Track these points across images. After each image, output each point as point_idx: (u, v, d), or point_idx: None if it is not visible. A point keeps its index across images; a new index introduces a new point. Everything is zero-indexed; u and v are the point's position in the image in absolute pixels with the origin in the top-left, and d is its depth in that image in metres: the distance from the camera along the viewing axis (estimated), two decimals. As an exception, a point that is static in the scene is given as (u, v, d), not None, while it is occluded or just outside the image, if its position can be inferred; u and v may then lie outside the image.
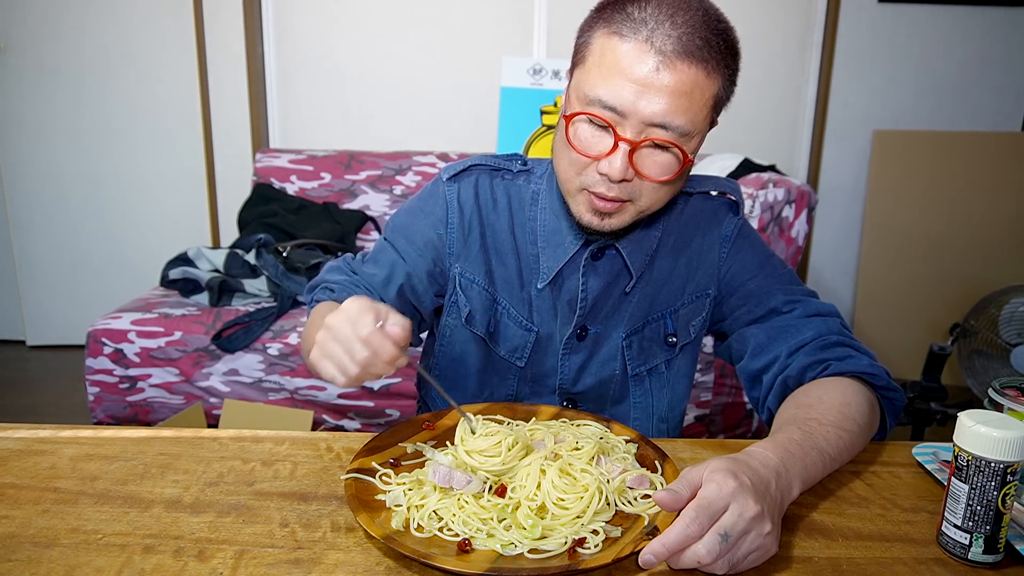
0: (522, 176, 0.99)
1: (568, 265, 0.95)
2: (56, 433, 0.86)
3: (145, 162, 3.10)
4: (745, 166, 2.40)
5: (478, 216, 0.98)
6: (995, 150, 2.98)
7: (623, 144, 0.79)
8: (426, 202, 0.99)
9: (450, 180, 0.98)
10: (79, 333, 2.97)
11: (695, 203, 1.00)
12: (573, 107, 0.83)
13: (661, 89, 0.76)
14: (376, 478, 0.73)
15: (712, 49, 0.77)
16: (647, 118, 0.77)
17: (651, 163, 0.81)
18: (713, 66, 0.78)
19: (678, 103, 0.77)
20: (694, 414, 2.19)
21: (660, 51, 0.76)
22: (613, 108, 0.78)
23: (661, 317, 1.00)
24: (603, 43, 0.79)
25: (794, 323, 0.93)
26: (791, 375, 0.89)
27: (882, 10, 2.94)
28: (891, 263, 3.07)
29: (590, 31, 0.82)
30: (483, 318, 0.99)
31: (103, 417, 2.18)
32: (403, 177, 2.85)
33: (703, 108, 0.79)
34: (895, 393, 0.88)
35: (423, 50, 2.97)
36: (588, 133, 0.82)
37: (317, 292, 1.00)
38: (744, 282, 0.98)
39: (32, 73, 3.00)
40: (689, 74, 0.76)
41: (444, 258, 0.98)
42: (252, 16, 2.92)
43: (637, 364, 1.01)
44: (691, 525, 0.60)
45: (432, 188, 1.00)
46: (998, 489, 0.62)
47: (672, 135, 0.79)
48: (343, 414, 2.18)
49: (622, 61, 0.77)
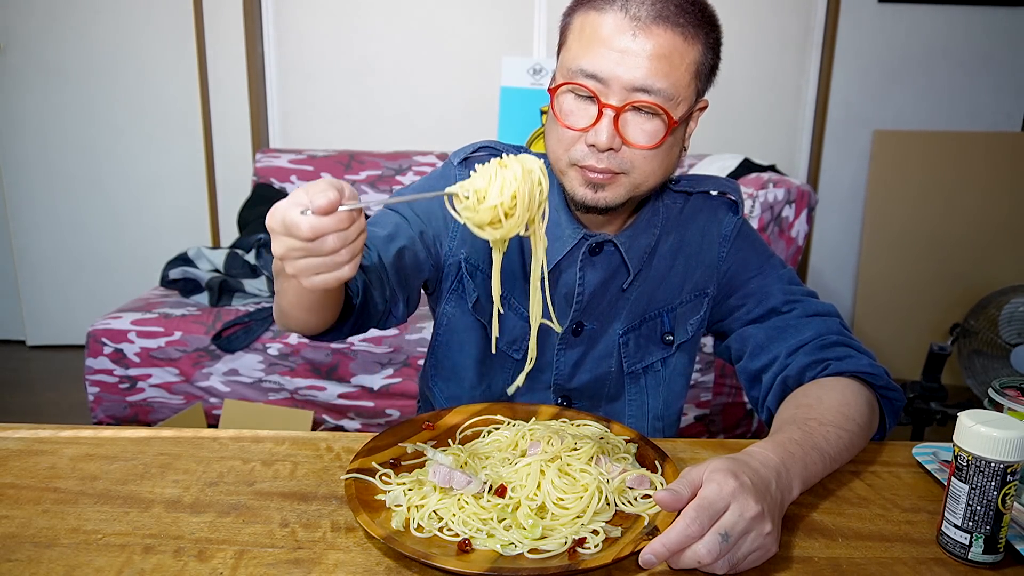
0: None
1: (566, 258, 0.94)
2: (56, 433, 0.86)
3: (145, 162, 3.10)
4: (745, 166, 2.40)
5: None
6: (995, 150, 2.98)
7: (608, 111, 0.80)
8: (436, 183, 0.99)
9: (461, 164, 0.98)
10: (79, 333, 2.97)
11: (695, 203, 1.00)
12: (558, 84, 0.85)
13: (640, 54, 0.79)
14: (376, 478, 0.73)
15: (687, 14, 0.80)
16: (628, 83, 0.79)
17: (637, 130, 0.82)
18: (691, 32, 0.80)
19: (658, 66, 0.79)
20: (694, 414, 2.19)
21: (635, 17, 0.79)
22: (595, 75, 0.80)
23: (658, 315, 0.99)
24: (582, 20, 0.83)
25: (793, 323, 0.93)
26: (790, 375, 0.89)
27: (882, 10, 2.94)
28: (891, 263, 3.07)
29: (570, 15, 0.86)
30: (487, 306, 0.98)
31: (103, 417, 2.18)
32: (403, 177, 2.85)
33: (685, 73, 0.81)
34: (894, 393, 0.88)
35: (423, 50, 2.97)
36: (573, 105, 0.83)
37: None
38: (744, 282, 0.98)
39: (33, 73, 3.00)
40: (666, 37, 0.79)
41: (444, 240, 0.97)
42: (252, 16, 2.92)
43: (633, 362, 1.00)
44: (692, 525, 0.60)
45: (443, 171, 1.00)
46: (998, 489, 0.62)
47: (656, 98, 0.80)
48: (343, 414, 2.18)
49: (600, 31, 0.80)
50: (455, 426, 0.86)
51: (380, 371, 2.13)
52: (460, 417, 0.87)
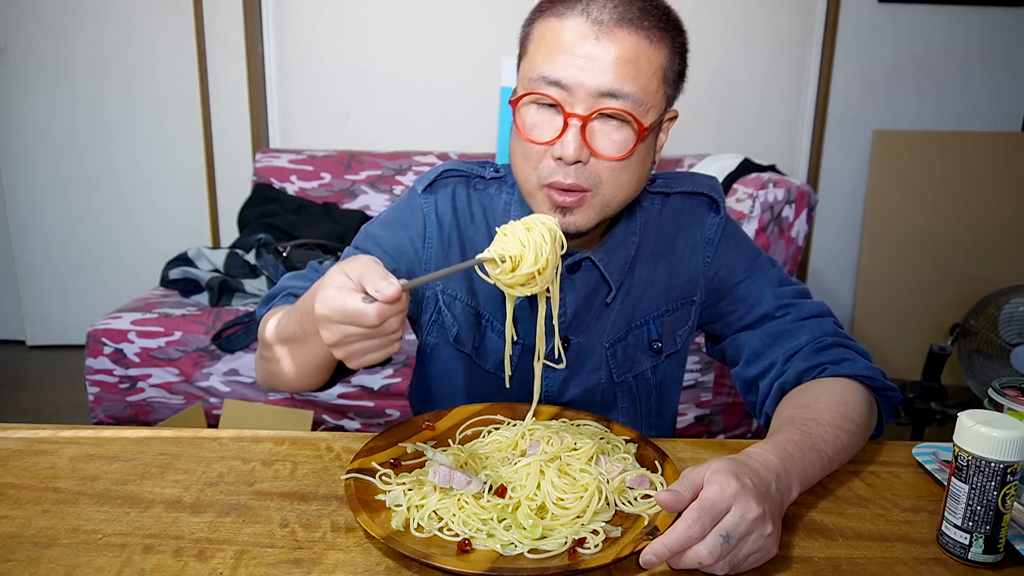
0: (494, 184, 0.96)
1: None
2: (56, 433, 0.86)
3: (145, 162, 3.10)
4: (745, 166, 2.40)
5: (456, 229, 0.94)
6: (995, 150, 2.98)
7: (574, 120, 0.77)
8: (402, 213, 0.95)
9: (425, 192, 0.95)
10: (79, 333, 2.97)
11: (673, 203, 0.97)
12: (519, 96, 0.82)
13: (604, 58, 0.76)
14: (376, 478, 0.73)
15: (650, 17, 0.77)
16: (594, 89, 0.76)
17: (606, 141, 0.79)
18: (656, 35, 0.78)
19: (624, 70, 0.76)
20: (694, 414, 2.19)
21: (598, 21, 0.76)
22: (558, 82, 0.77)
23: (644, 323, 0.97)
24: (542, 27, 0.80)
25: (788, 328, 0.92)
26: (787, 381, 0.89)
27: (882, 10, 2.94)
28: (891, 263, 3.07)
29: (530, 24, 0.83)
30: (469, 335, 0.96)
31: (103, 417, 2.18)
32: (403, 177, 2.85)
33: (652, 78, 0.78)
34: (891, 392, 0.88)
35: (423, 50, 2.97)
36: (537, 117, 0.80)
37: (278, 300, 0.92)
38: (733, 286, 0.96)
39: (32, 73, 3.00)
40: (631, 40, 0.76)
41: (418, 272, 0.94)
42: (252, 16, 2.92)
43: (622, 371, 0.98)
44: (693, 526, 0.60)
45: (408, 200, 0.96)
46: (998, 489, 0.62)
47: (624, 103, 0.77)
48: (343, 414, 2.18)
49: (562, 37, 0.77)
50: (455, 426, 0.86)
51: (380, 371, 2.13)
52: (460, 417, 0.87)
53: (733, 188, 2.23)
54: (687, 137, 2.90)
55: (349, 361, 0.67)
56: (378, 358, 0.68)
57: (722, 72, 2.96)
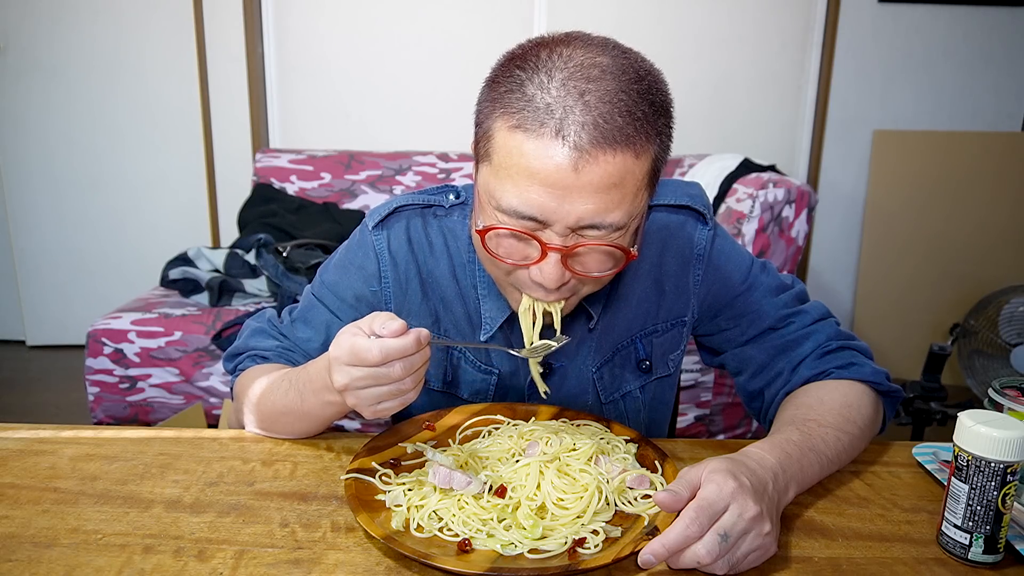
0: (456, 211, 0.90)
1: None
2: (56, 433, 0.86)
3: (145, 162, 3.10)
4: (745, 166, 2.40)
5: (415, 264, 0.89)
6: (995, 150, 2.98)
7: (552, 253, 0.69)
8: (355, 255, 0.91)
9: (377, 228, 0.90)
10: (79, 333, 2.97)
11: (657, 218, 0.90)
12: (486, 214, 0.72)
13: (585, 188, 0.65)
14: (376, 478, 0.73)
15: (638, 122, 0.66)
16: (575, 222, 0.67)
17: (590, 261, 0.72)
18: (642, 142, 0.66)
19: (608, 198, 0.66)
20: (694, 414, 2.19)
21: (576, 146, 0.64)
22: (533, 218, 0.68)
23: (632, 343, 0.93)
24: (506, 140, 0.67)
25: (793, 338, 0.91)
26: (794, 388, 0.89)
27: (882, 10, 2.94)
28: (891, 263, 3.07)
29: (489, 119, 0.70)
30: (438, 371, 0.93)
31: (103, 417, 2.18)
32: (403, 177, 2.85)
33: (638, 193, 0.69)
34: (895, 393, 0.89)
35: (423, 50, 2.97)
36: (510, 243, 0.71)
37: (244, 360, 0.91)
38: (729, 301, 0.92)
39: (32, 73, 3.00)
40: (615, 163, 0.65)
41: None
42: (252, 16, 2.92)
43: (610, 392, 0.94)
44: (691, 525, 0.60)
45: (360, 238, 0.91)
46: (998, 489, 0.62)
47: (607, 232, 0.68)
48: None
49: (533, 163, 0.65)
50: (455, 426, 0.86)
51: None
52: (460, 417, 0.87)
53: (733, 188, 2.23)
54: (687, 137, 2.89)
55: (362, 408, 0.70)
56: (391, 407, 0.70)
57: (722, 72, 2.96)
